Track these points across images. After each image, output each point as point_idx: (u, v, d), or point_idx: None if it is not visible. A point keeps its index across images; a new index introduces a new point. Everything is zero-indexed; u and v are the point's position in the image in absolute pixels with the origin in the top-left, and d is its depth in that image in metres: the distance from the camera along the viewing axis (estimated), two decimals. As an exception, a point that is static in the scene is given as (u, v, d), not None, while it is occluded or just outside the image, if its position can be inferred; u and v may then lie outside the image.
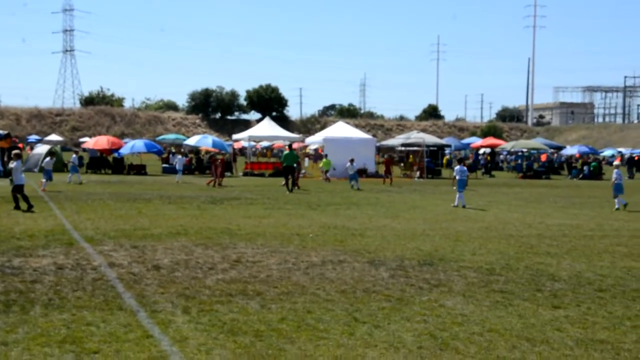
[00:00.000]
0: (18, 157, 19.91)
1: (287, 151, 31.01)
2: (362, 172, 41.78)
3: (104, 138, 47.56)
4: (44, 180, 26.70)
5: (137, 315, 7.85)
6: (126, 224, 16.11)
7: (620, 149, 77.31)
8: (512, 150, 59.60)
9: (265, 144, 73.62)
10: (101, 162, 44.21)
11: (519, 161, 55.53)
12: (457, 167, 23.54)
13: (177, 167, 36.14)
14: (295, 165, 29.61)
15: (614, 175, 23.10)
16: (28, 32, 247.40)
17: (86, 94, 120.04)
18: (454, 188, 23.18)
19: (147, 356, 6.41)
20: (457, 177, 22.84)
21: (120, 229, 15.09)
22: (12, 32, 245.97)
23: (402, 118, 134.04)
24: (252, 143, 56.19)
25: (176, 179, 34.59)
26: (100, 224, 15.89)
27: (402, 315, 8.11)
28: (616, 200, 22.80)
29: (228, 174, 42.97)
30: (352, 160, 33.03)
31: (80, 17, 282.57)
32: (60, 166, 42.89)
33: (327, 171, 37.49)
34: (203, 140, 48.61)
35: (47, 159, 29.60)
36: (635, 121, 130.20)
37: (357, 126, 72.89)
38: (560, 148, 67.88)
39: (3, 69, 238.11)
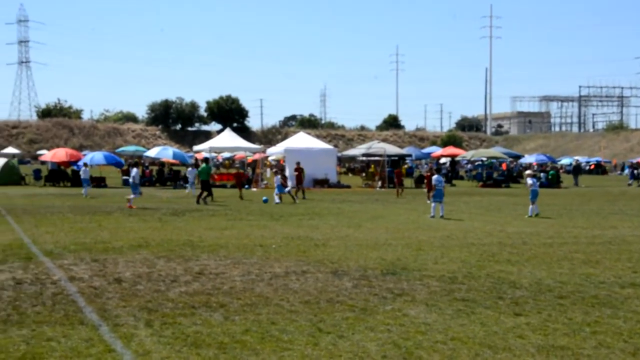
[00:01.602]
0: None
1: (203, 165, 30.10)
2: (323, 182, 41.94)
3: (62, 150, 46.90)
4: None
5: (99, 329, 7.75)
6: (86, 237, 15.92)
7: (576, 157, 78.45)
8: (472, 159, 60.21)
9: (226, 154, 73.28)
10: (60, 174, 43.58)
11: (479, 170, 56.14)
12: (435, 177, 23.23)
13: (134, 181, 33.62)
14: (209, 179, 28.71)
15: (529, 182, 23.40)
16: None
17: (43, 105, 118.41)
18: (428, 202, 22.94)
19: (110, 371, 6.33)
20: (437, 187, 22.61)
21: (81, 242, 14.90)
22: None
23: (363, 128, 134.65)
24: (214, 154, 55.91)
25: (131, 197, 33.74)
26: (59, 238, 15.67)
27: (366, 325, 8.14)
28: (530, 208, 23.07)
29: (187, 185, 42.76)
30: (276, 172, 31.53)
31: (35, 28, 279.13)
32: (17, 179, 42.28)
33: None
34: (163, 151, 48.27)
35: (83, 168, 33.28)
36: (591, 130, 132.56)
37: (318, 136, 73.14)
38: (518, 157, 68.70)
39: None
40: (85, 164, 35.26)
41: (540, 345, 7.39)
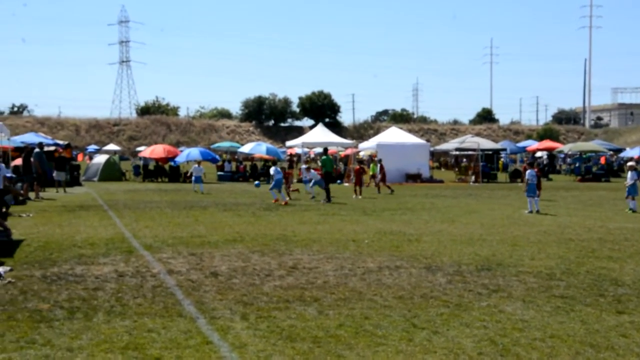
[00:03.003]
0: None
1: (324, 156, 29.53)
2: (416, 177, 41.63)
3: (160, 147, 48.28)
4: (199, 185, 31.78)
5: (197, 321, 7.93)
6: (183, 231, 16.32)
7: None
8: (570, 153, 58.52)
9: (318, 150, 73.78)
10: (158, 170, 44.90)
11: (577, 164, 54.51)
12: (528, 171, 22.75)
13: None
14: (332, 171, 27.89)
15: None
16: (85, 44, 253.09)
17: (142, 103, 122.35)
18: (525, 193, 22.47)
19: (208, 362, 6.46)
20: (530, 182, 22.12)
21: (178, 237, 15.29)
22: (70, 45, 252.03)
23: (455, 122, 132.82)
24: (306, 149, 56.35)
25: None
26: (158, 232, 16.13)
27: (461, 321, 8.03)
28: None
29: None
30: (308, 169, 29.99)
31: (135, 29, 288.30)
32: (118, 175, 43.79)
33: (373, 175, 35.91)
34: (257, 147, 49.02)
35: (196, 166, 34.25)
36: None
37: (410, 131, 72.50)
38: (619, 150, 66.36)
39: (62, 82, 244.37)
40: (198, 162, 36.63)
41: (645, 345, 7.10)
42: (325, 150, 31.41)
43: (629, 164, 26.42)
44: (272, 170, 26.32)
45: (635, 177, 22.62)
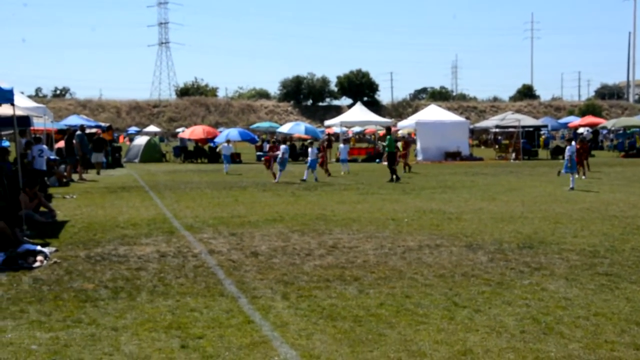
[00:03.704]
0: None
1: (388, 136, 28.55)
2: (455, 155, 41.30)
3: (200, 128, 48.61)
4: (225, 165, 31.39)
5: (238, 301, 8.00)
6: (224, 211, 16.44)
7: None
8: (613, 128, 57.45)
9: (357, 129, 73.52)
10: (197, 151, 45.23)
11: (621, 140, 53.51)
12: (568, 147, 22.47)
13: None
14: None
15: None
16: (125, 26, 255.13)
17: (181, 85, 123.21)
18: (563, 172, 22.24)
19: (250, 341, 6.52)
20: (569, 157, 21.86)
21: (219, 217, 15.41)
22: (111, 27, 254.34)
23: (495, 99, 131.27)
24: (344, 129, 56.22)
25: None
26: (199, 212, 16.26)
27: (502, 299, 7.97)
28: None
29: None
30: (310, 144, 28.85)
31: (173, 10, 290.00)
32: (159, 156, 44.23)
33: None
34: (296, 127, 49.01)
35: (225, 144, 33.84)
36: None
37: (449, 109, 71.96)
38: (664, 124, 64.86)
39: (103, 64, 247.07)
40: (228, 141, 36.16)
41: (692, 323, 6.98)
42: (388, 129, 31.04)
43: None
44: (282, 148, 26.17)
45: None
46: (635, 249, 11.06)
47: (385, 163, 28.35)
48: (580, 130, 62.42)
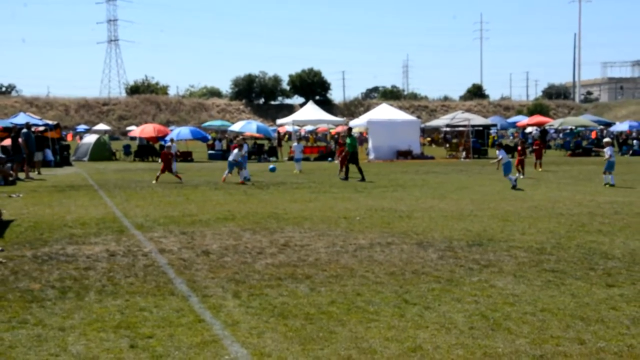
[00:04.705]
0: None
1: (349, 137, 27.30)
2: (407, 154, 41.65)
3: (150, 126, 48.13)
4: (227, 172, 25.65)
5: (189, 300, 7.94)
6: (174, 210, 16.30)
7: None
8: (560, 128, 58.60)
9: (309, 128, 73.64)
10: (148, 150, 44.75)
11: (567, 139, 54.59)
12: (499, 152, 22.78)
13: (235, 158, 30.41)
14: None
15: (608, 152, 22.66)
16: (73, 23, 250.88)
17: (131, 82, 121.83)
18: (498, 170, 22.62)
19: (200, 340, 6.48)
20: (503, 161, 22.24)
21: (169, 216, 15.27)
22: (58, 24, 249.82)
23: (446, 98, 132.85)
24: (296, 127, 56.24)
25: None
26: (149, 211, 16.10)
27: (452, 296, 8.06)
28: (608, 177, 22.44)
29: (273, 158, 43.23)
30: (240, 146, 26.93)
31: (122, 7, 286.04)
32: (108, 154, 43.62)
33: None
34: (247, 125, 48.84)
35: (235, 150, 26.97)
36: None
37: (400, 108, 72.47)
38: (609, 124, 66.44)
39: (50, 61, 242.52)
40: (171, 140, 35.75)
41: (635, 317, 7.15)
42: (350, 130, 29.50)
43: (605, 140, 26.65)
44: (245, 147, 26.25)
45: (610, 153, 22.65)
46: (581, 246, 11.30)
47: (337, 162, 28.43)
48: (529, 129, 63.58)
